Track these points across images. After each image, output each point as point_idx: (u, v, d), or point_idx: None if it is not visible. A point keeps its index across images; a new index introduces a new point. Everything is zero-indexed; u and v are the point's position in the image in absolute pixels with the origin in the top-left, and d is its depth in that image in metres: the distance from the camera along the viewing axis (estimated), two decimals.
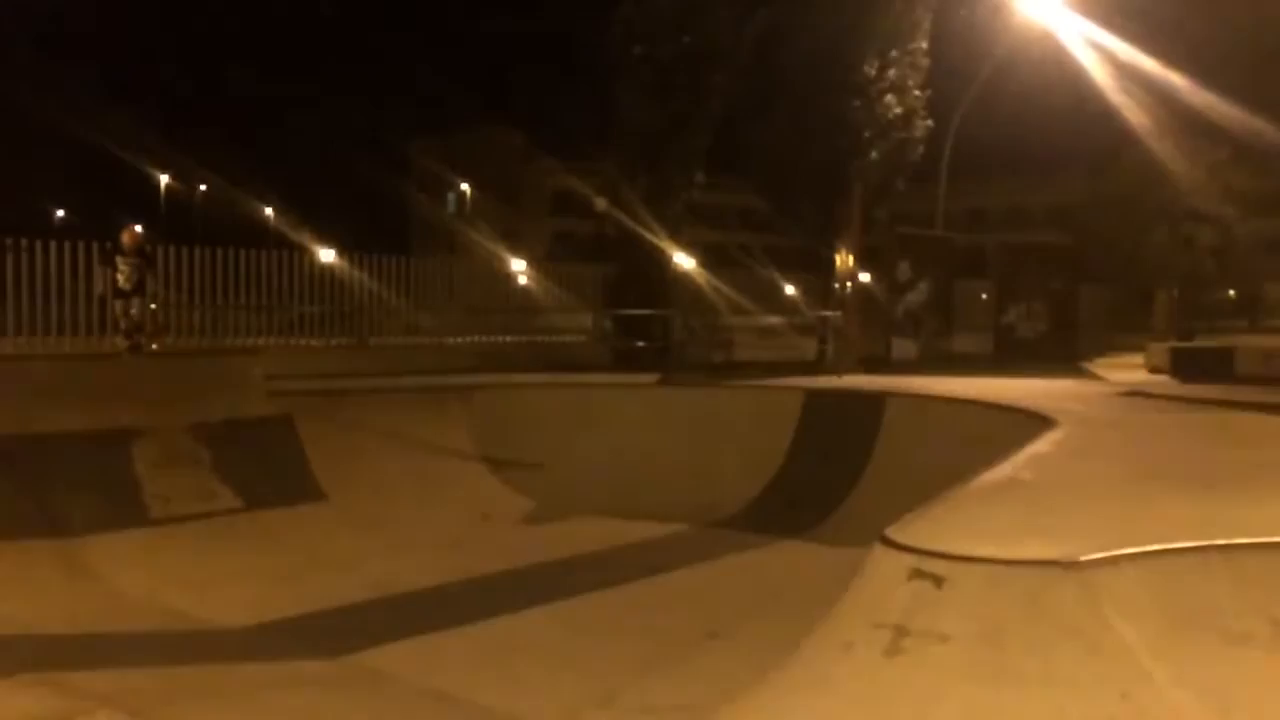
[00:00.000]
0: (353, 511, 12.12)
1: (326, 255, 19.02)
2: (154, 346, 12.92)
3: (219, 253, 16.31)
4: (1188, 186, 25.43)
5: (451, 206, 62.76)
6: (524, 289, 23.53)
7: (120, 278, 12.73)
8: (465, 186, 61.64)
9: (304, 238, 24.70)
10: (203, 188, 55.87)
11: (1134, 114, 23.43)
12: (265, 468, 12.40)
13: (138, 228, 13.57)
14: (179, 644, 8.24)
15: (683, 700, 6.14)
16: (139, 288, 12.65)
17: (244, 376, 13.75)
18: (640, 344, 19.28)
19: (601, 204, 23.00)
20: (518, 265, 25.32)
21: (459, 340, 18.75)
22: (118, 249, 12.95)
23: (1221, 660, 4.19)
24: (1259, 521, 5.02)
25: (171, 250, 15.87)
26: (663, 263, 22.43)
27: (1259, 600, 4.45)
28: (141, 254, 13.01)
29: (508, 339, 19.75)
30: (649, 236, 22.28)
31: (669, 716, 5.50)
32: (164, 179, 56.32)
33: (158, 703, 6.58)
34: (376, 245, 19.49)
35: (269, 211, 49.39)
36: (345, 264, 18.39)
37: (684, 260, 25.80)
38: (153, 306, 13.26)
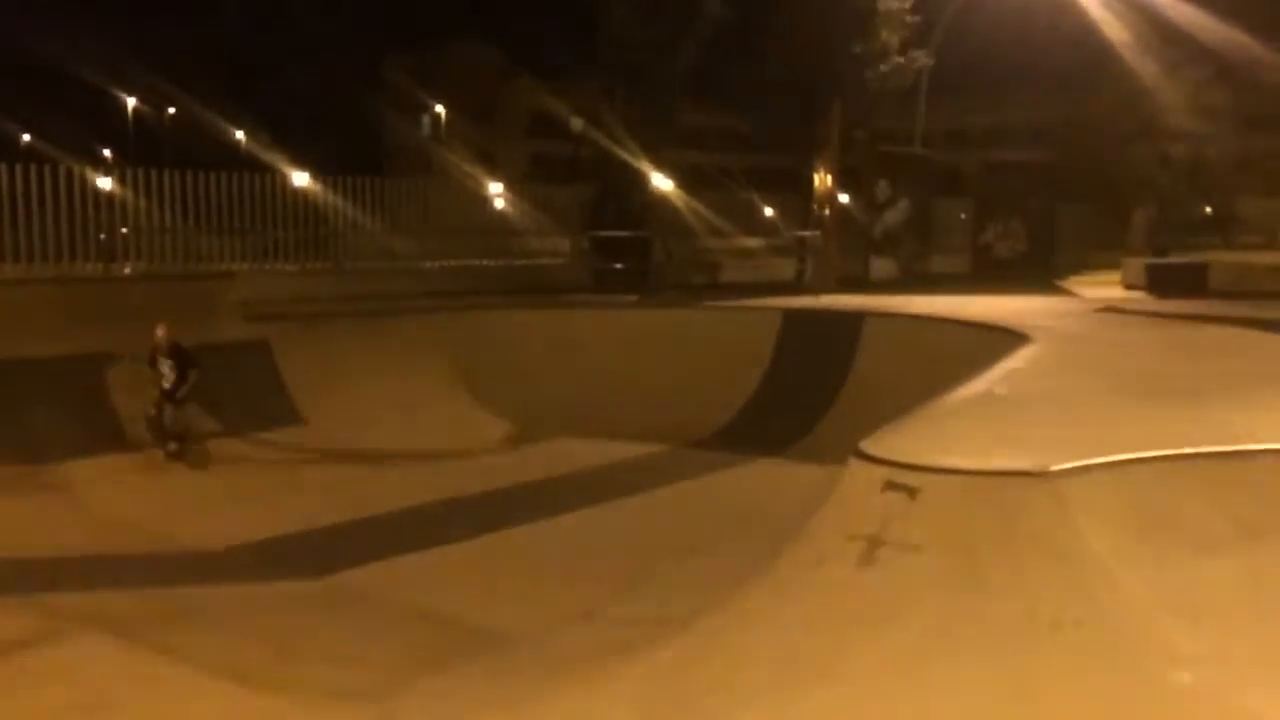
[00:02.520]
0: (331, 435, 12.14)
1: (300, 179, 18.72)
2: (172, 447, 11.08)
3: (190, 177, 16.02)
4: (1167, 104, 25.34)
5: (426, 128, 61.74)
6: (501, 211, 23.28)
7: (164, 381, 10.99)
8: (440, 107, 60.61)
9: (277, 161, 24.24)
10: (171, 111, 54.72)
11: (1115, 31, 23.17)
12: (242, 392, 12.36)
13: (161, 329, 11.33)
14: (160, 566, 8.29)
15: (663, 613, 6.23)
16: (179, 388, 11.02)
17: (218, 301, 13.62)
18: (618, 266, 19.17)
19: (578, 124, 22.68)
20: (494, 187, 25.02)
21: (435, 264, 18.58)
22: (154, 351, 11.16)
23: (1188, 565, 4.28)
24: (1225, 430, 5.10)
25: (141, 174, 15.58)
26: (642, 184, 22.20)
27: (1225, 505, 4.54)
28: (179, 351, 11.15)
29: (485, 262, 19.59)
30: (628, 158, 22.01)
31: (649, 628, 5.58)
32: (131, 102, 55.10)
33: (141, 624, 6.63)
34: (350, 168, 19.18)
35: (240, 135, 48.48)
36: (319, 187, 18.11)
37: (663, 182, 25.58)
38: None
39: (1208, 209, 29.42)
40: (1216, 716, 3.58)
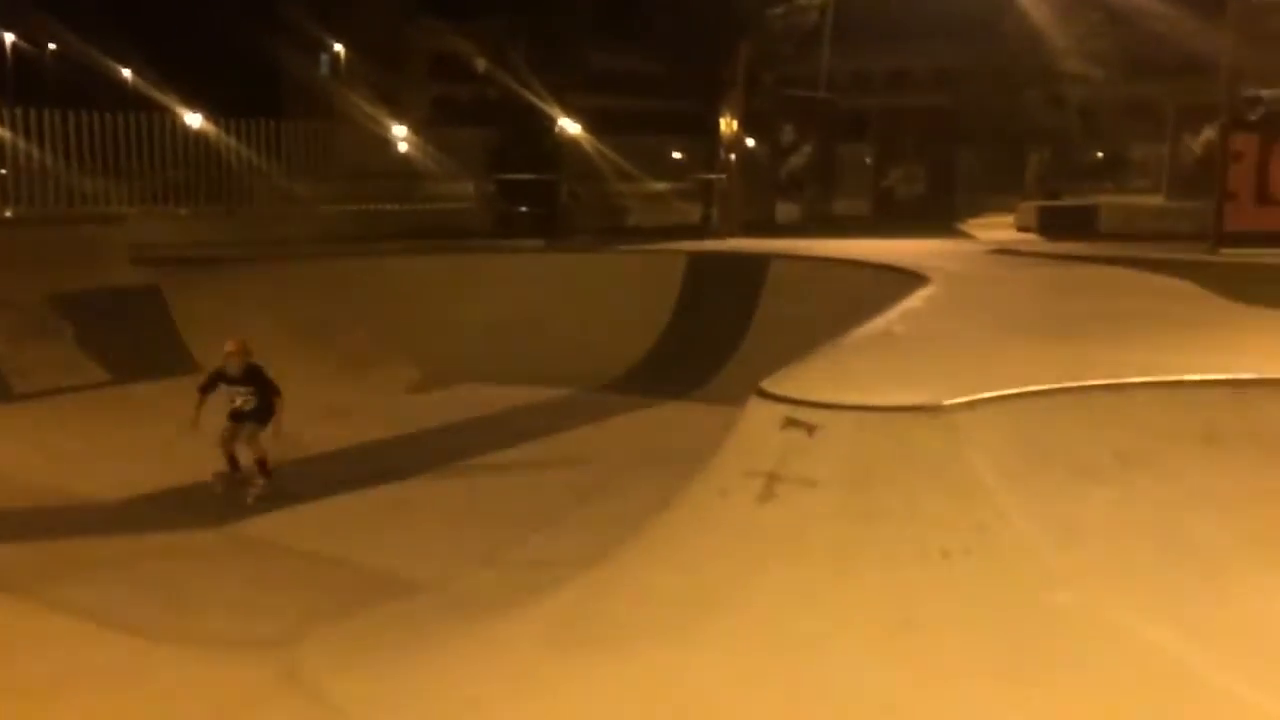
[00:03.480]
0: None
1: (192, 119, 18.02)
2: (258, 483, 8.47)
3: (74, 116, 15.30)
4: (1059, 49, 25.97)
5: (325, 68, 59.85)
6: (404, 155, 22.80)
7: (239, 400, 8.39)
8: (339, 47, 58.77)
9: (168, 100, 23.27)
10: (53, 46, 51.98)
11: None
12: (133, 340, 11.96)
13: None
14: (52, 518, 8.03)
15: (569, 553, 6.27)
16: (259, 413, 8.47)
17: (106, 246, 13.11)
18: (524, 210, 18.96)
19: (482, 64, 22.26)
20: (397, 130, 24.47)
21: (336, 208, 18.15)
22: (223, 377, 8.54)
23: (1070, 493, 4.47)
24: (1107, 364, 5.30)
25: (20, 114, 14.85)
26: (548, 127, 21.94)
27: (1105, 436, 4.73)
28: (255, 374, 8.55)
29: (387, 206, 19.20)
30: (534, 100, 21.70)
31: (554, 569, 5.62)
32: (10, 37, 52.17)
33: (31, 577, 6.44)
34: (246, 109, 18.54)
35: (128, 73, 46.31)
36: (212, 128, 17.48)
37: (570, 125, 25.29)
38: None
39: (1099, 154, 30.32)
40: (1090, 633, 3.76)
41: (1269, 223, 12.81)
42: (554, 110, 21.65)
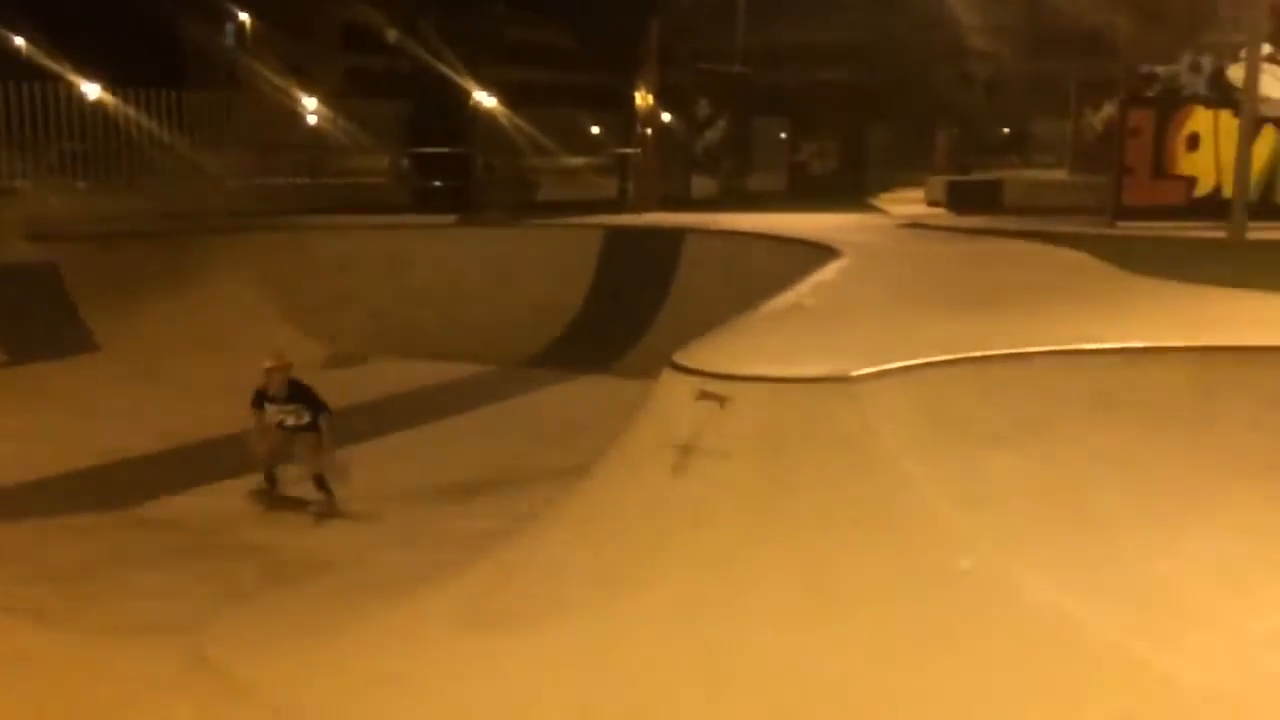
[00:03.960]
0: (131, 361, 11.46)
1: (90, 89, 17.35)
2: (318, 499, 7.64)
3: None
4: (966, 25, 26.48)
5: (230, 38, 58.05)
6: (314, 128, 22.28)
7: (289, 420, 7.65)
8: (245, 16, 57.05)
9: (63, 69, 22.38)
10: None
11: None
12: (29, 318, 11.52)
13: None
14: None
15: (486, 527, 6.27)
16: (313, 428, 7.73)
17: None
18: (439, 184, 18.68)
19: (393, 35, 21.82)
20: (308, 103, 23.89)
21: (243, 182, 17.66)
22: (265, 397, 7.77)
23: (972, 459, 4.60)
24: (1007, 334, 5.46)
25: None
26: (462, 100, 21.64)
27: (1005, 404, 4.88)
28: (301, 391, 7.80)
29: (297, 180, 18.76)
30: (449, 72, 21.35)
31: (468, 547, 5.60)
32: None
33: None
34: (148, 79, 17.89)
35: (20, 41, 44.35)
36: (111, 98, 16.85)
37: (485, 98, 24.97)
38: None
39: (1005, 130, 31.01)
40: (991, 594, 3.89)
41: (1164, 196, 13.28)
42: (468, 83, 21.36)
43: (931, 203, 18.63)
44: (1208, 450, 4.68)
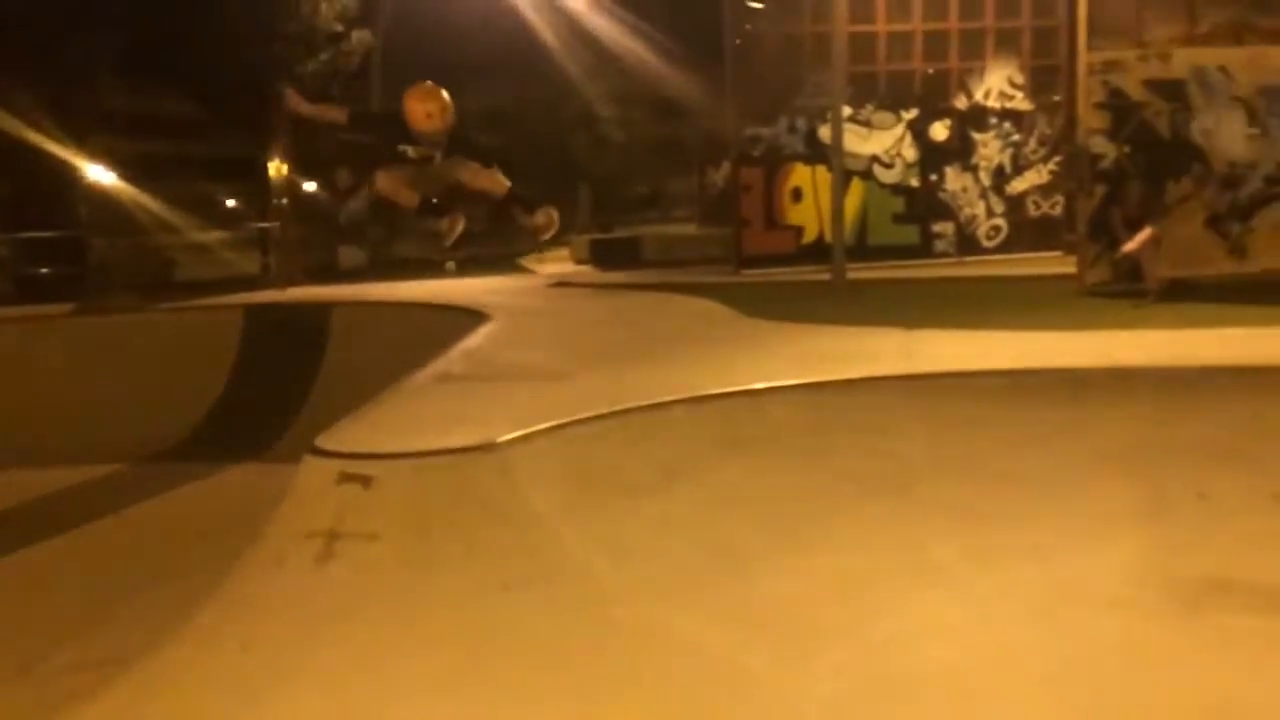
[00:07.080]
0: None
1: None
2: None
3: None
4: (595, 95, 28.04)
5: None
6: None
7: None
8: None
9: None
10: None
11: (544, 33, 25.18)
12: None
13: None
14: None
15: (118, 652, 5.65)
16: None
17: None
18: (46, 271, 16.95)
19: None
20: None
21: None
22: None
23: (619, 510, 4.77)
24: (647, 386, 5.75)
25: None
26: (70, 176, 19.81)
27: (648, 452, 5.12)
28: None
29: None
30: (50, 146, 19.48)
31: (101, 670, 5.03)
32: None
33: None
34: None
35: None
36: None
37: (100, 173, 23.06)
38: None
39: (641, 189, 33.03)
40: (644, 641, 4.02)
41: (777, 245, 14.64)
42: (76, 156, 19.61)
43: (578, 261, 19.38)
44: (824, 475, 5.14)
